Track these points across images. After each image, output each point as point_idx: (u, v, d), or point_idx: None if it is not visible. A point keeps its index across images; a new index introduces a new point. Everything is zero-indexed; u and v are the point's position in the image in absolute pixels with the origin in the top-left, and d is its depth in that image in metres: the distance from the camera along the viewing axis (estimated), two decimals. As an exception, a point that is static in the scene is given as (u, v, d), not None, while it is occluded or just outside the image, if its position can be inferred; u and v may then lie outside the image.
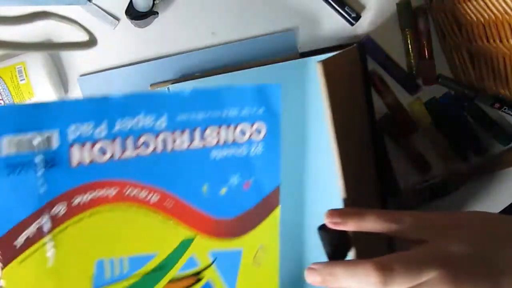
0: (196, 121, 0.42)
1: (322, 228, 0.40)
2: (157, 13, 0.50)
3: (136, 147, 0.39)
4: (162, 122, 0.40)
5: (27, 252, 0.37)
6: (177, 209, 0.42)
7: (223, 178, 0.44)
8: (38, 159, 0.36)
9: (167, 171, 0.42)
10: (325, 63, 0.41)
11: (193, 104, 0.42)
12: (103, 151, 0.38)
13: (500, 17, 0.42)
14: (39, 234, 0.37)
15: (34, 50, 0.46)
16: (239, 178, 0.44)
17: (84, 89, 0.54)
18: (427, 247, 0.32)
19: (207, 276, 0.44)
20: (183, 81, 0.52)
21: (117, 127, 0.38)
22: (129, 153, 0.39)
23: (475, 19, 0.45)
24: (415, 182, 0.56)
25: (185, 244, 0.43)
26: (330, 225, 0.37)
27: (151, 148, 0.40)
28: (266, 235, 0.45)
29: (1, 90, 0.50)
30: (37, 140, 0.35)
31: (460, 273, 0.30)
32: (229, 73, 0.51)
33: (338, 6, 0.52)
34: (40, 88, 0.50)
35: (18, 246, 0.37)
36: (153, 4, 0.48)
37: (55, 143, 0.36)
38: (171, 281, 0.43)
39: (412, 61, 0.53)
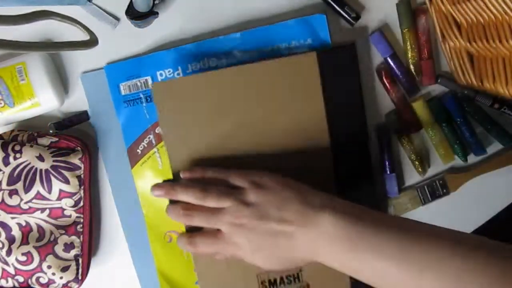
0: (251, 57, 0.52)
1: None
2: (157, 13, 0.50)
3: None
4: (222, 61, 0.52)
5: (144, 157, 0.54)
6: None
7: None
8: (142, 95, 0.53)
9: None
10: (159, 84, 0.49)
11: (245, 44, 0.52)
12: None
13: (500, 17, 0.42)
14: (150, 146, 0.54)
15: (34, 50, 0.45)
16: None
17: (86, 86, 0.54)
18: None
19: None
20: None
21: (189, 69, 0.53)
22: None
23: (474, 19, 0.45)
24: (415, 182, 0.56)
25: None
26: (156, 196, 0.49)
27: None
28: None
29: (1, 90, 0.50)
30: (139, 83, 0.53)
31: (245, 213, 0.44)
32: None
33: (338, 6, 0.52)
34: (40, 88, 0.50)
35: (140, 153, 0.54)
36: (153, 4, 0.48)
37: (150, 85, 0.53)
38: None
39: (412, 61, 0.53)
